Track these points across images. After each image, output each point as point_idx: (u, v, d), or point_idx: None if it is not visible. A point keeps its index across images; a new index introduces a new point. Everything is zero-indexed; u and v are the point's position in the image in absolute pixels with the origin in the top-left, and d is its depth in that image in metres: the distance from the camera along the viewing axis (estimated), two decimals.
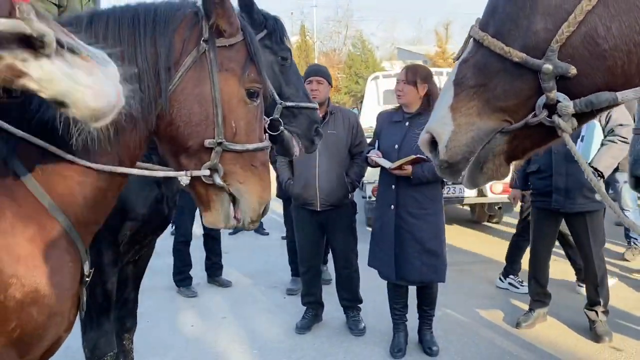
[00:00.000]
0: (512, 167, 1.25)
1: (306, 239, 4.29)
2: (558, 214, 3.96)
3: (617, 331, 3.97)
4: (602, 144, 3.78)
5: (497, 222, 7.64)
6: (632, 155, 1.49)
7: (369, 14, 68.44)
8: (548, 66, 1.07)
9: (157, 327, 4.34)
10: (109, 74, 1.04)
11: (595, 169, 3.70)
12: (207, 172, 1.61)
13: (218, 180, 1.62)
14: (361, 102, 10.66)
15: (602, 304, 3.90)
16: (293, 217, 4.49)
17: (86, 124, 1.14)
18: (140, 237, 2.50)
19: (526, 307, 4.28)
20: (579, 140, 3.67)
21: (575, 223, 3.95)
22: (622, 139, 3.68)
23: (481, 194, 6.32)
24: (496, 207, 6.95)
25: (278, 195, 5.60)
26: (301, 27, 36.01)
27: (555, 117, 1.10)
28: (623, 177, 5.21)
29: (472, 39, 1.20)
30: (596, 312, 3.90)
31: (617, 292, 4.77)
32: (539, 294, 4.17)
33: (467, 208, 7.81)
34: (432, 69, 10.57)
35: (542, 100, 1.11)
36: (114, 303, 2.82)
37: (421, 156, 3.39)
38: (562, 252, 5.65)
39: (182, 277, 5.12)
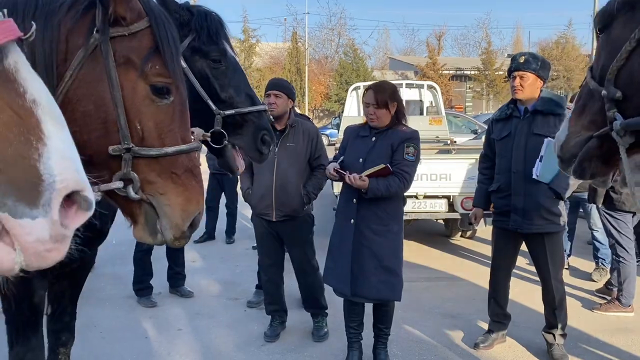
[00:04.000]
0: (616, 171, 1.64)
1: (265, 249, 4.35)
2: (517, 234, 3.89)
3: (577, 355, 3.92)
4: None
5: (470, 238, 7.61)
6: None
7: (361, 23, 68.66)
8: (604, 92, 1.46)
9: (109, 338, 4.23)
10: None
11: (552, 189, 3.65)
12: (120, 184, 1.42)
13: (132, 193, 1.42)
14: (342, 112, 10.63)
15: (559, 327, 3.85)
16: (253, 226, 4.50)
17: None
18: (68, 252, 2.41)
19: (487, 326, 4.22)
20: (537, 160, 3.61)
21: (533, 244, 3.89)
22: None
23: (452, 209, 6.27)
24: (468, 223, 6.89)
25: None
26: (293, 33, 36.03)
27: (613, 133, 1.43)
28: None
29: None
30: (553, 335, 3.85)
31: (580, 314, 4.74)
32: (498, 314, 4.10)
33: (442, 222, 7.76)
34: (418, 82, 10.55)
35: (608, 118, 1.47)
36: (51, 316, 2.76)
37: (389, 166, 3.38)
38: (522, 272, 5.66)
39: (141, 286, 5.02)
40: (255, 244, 6.65)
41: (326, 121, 32.95)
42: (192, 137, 1.59)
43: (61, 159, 0.91)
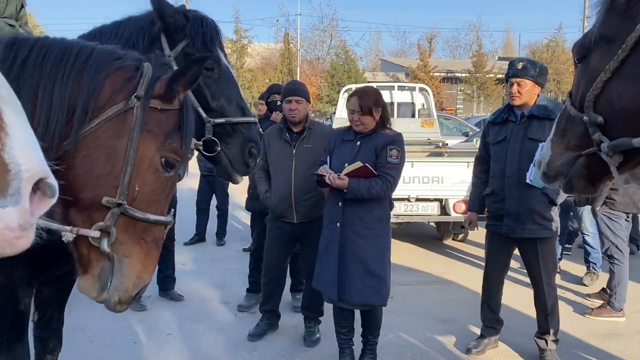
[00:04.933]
0: (602, 186, 1.86)
1: (277, 251, 4.32)
2: (510, 239, 3.88)
3: None
4: None
5: (461, 241, 7.60)
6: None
7: (353, 24, 68.73)
8: (585, 118, 1.57)
9: (97, 342, 4.17)
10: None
11: (545, 195, 3.64)
12: (97, 234, 1.48)
13: (105, 246, 1.49)
14: (334, 113, 10.61)
15: (551, 332, 3.83)
16: (267, 227, 4.48)
17: None
18: (58, 257, 2.36)
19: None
20: (532, 165, 3.59)
21: (525, 249, 3.87)
22: None
23: (444, 212, 6.26)
24: (460, 227, 6.90)
25: (247, 208, 5.50)
26: (285, 34, 35.97)
27: (602, 153, 1.53)
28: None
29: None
30: (546, 341, 3.83)
31: (572, 319, 4.74)
32: (491, 319, 4.08)
33: (433, 225, 7.75)
34: (410, 84, 10.56)
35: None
36: (38, 322, 2.70)
37: (368, 165, 3.35)
38: (514, 276, 5.66)
39: None
40: (246, 247, 6.70)
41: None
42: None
43: (25, 148, 0.92)
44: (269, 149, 4.22)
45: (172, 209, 1.67)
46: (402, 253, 6.66)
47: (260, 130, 2.54)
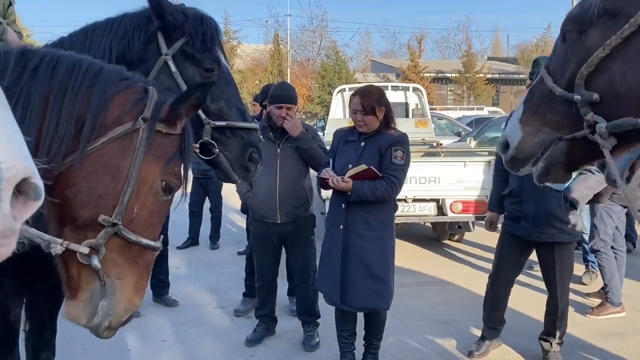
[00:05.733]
0: (574, 174, 1.69)
1: (264, 253, 4.23)
2: (526, 242, 3.77)
3: None
4: (580, 173, 3.64)
5: (458, 241, 7.56)
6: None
7: (343, 25, 68.77)
8: (577, 97, 1.44)
9: (91, 351, 4.05)
10: None
11: (566, 198, 3.58)
12: (87, 250, 1.44)
13: (95, 262, 1.45)
14: (326, 114, 10.55)
15: (557, 335, 3.77)
16: (250, 230, 4.42)
17: None
18: (48, 267, 2.26)
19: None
20: None
21: (543, 253, 3.79)
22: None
23: (441, 212, 6.20)
24: (456, 227, 6.85)
25: (243, 210, 5.41)
26: (275, 35, 35.88)
27: (596, 135, 1.40)
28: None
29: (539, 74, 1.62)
30: (550, 343, 3.77)
31: (573, 318, 4.69)
32: (494, 320, 3.99)
33: (429, 225, 7.69)
34: (404, 84, 10.55)
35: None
36: (30, 333, 2.61)
37: (373, 168, 3.29)
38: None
39: None
40: (241, 250, 6.62)
41: (309, 123, 32.85)
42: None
43: (6, 143, 0.82)
44: None
45: (162, 235, 1.61)
46: (399, 254, 6.56)
47: (261, 137, 2.45)
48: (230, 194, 7.66)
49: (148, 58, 2.17)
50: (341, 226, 3.45)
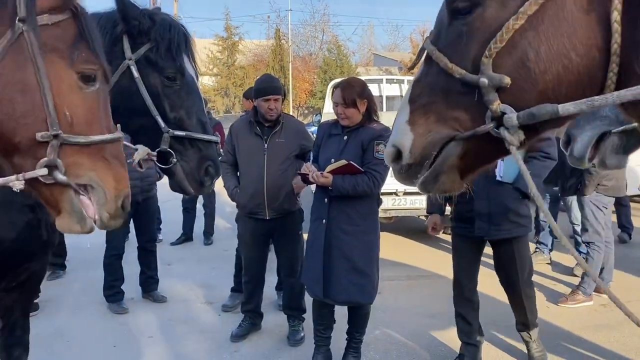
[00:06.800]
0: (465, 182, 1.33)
1: (252, 249, 4.24)
2: (481, 241, 3.58)
3: (559, 353, 3.83)
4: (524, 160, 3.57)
5: (446, 233, 7.50)
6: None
7: (345, 19, 68.57)
8: (484, 80, 1.15)
9: (75, 347, 4.07)
10: None
11: (517, 189, 3.43)
12: (45, 171, 1.38)
13: (60, 176, 1.39)
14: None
15: (531, 325, 3.63)
16: (238, 225, 4.43)
17: None
18: (13, 265, 2.25)
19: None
20: (499, 160, 3.41)
21: (500, 250, 3.57)
22: (544, 155, 3.46)
23: None
24: (449, 219, 6.78)
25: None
26: (276, 30, 35.77)
27: (502, 130, 1.16)
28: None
29: (425, 54, 1.31)
30: (528, 333, 3.68)
31: (562, 310, 4.67)
32: (468, 333, 3.63)
33: (423, 218, 7.64)
34: (399, 77, 10.43)
35: (489, 112, 1.17)
36: (1, 331, 2.60)
37: (353, 163, 3.27)
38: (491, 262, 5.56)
39: (112, 292, 4.85)
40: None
41: (311, 118, 32.78)
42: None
43: None
44: (238, 143, 4.12)
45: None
46: (389, 247, 6.56)
47: (221, 151, 2.37)
48: (223, 190, 7.67)
49: (111, 60, 2.15)
50: (324, 220, 3.45)
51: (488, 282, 4.06)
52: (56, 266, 5.64)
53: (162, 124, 2.12)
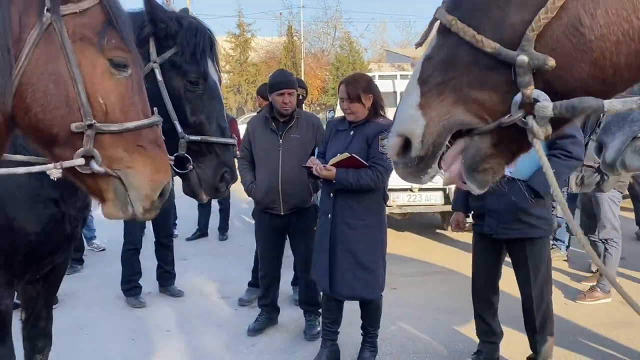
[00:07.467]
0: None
1: (268, 244, 4.28)
2: (497, 241, 3.36)
3: (577, 350, 3.80)
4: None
5: (468, 230, 7.46)
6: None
7: (358, 16, 68.38)
8: (523, 57, 0.96)
9: (95, 340, 4.11)
10: None
11: (530, 188, 3.20)
12: (82, 161, 1.39)
13: (96, 167, 1.40)
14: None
15: (541, 355, 3.31)
16: (255, 220, 4.47)
17: None
18: (37, 258, 2.29)
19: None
20: None
21: (513, 251, 3.39)
22: (567, 154, 3.22)
23: (449, 201, 6.14)
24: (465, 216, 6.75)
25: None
26: (288, 27, 35.77)
27: (530, 119, 0.98)
28: None
29: (438, 26, 1.09)
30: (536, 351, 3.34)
31: (580, 307, 4.64)
32: (486, 333, 3.55)
33: (438, 215, 7.62)
34: (401, 72, 10.43)
35: (518, 97, 0.98)
36: (25, 322, 2.65)
37: (356, 156, 3.29)
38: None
39: (129, 286, 4.90)
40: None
41: (324, 115, 32.78)
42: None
43: None
44: (254, 139, 4.16)
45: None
46: (403, 243, 6.57)
47: (238, 152, 2.39)
48: (239, 186, 7.70)
49: None
50: (329, 215, 3.47)
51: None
52: (74, 260, 5.69)
53: (179, 129, 2.14)
